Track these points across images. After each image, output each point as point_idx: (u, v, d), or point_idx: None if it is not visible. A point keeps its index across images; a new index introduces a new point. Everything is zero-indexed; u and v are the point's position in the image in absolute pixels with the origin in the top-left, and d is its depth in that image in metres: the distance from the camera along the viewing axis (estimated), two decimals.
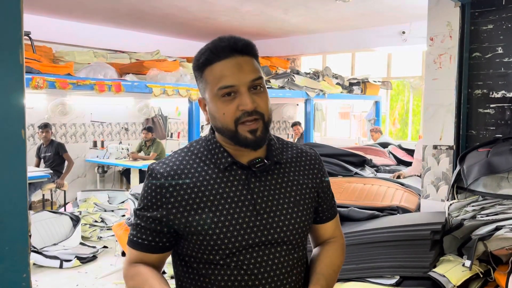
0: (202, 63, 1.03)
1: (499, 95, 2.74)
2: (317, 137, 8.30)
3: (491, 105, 2.77)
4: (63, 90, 3.70)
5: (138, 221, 1.06)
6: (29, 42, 4.63)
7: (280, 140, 1.18)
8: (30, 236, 0.87)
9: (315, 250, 1.23)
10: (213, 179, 1.04)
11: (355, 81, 7.74)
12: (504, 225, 2.12)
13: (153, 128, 7.40)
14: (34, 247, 4.19)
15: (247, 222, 1.03)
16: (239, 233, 1.02)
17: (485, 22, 2.78)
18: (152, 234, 1.05)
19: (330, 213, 1.21)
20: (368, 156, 4.21)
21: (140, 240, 1.06)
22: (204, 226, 1.01)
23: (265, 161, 1.07)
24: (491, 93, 2.77)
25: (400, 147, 5.31)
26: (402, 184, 3.32)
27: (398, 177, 3.83)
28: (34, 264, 4.05)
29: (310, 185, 1.14)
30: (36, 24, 6.15)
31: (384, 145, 5.39)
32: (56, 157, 6.00)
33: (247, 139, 1.01)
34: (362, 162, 3.92)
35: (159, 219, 1.03)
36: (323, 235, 1.22)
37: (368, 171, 3.86)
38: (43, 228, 4.48)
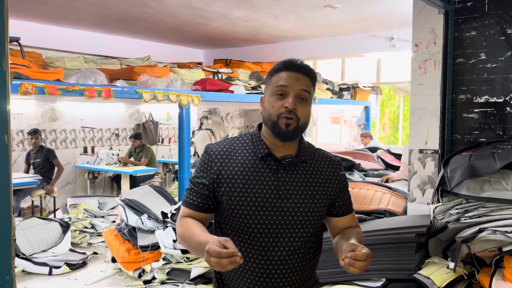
0: (274, 70, 1.37)
1: (482, 100, 2.80)
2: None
3: (475, 110, 2.82)
4: (52, 96, 3.70)
5: (192, 186, 1.37)
6: (18, 48, 4.61)
7: (311, 146, 1.44)
8: (14, 240, 0.89)
9: (335, 238, 1.41)
10: (251, 164, 1.33)
11: (345, 86, 7.80)
12: (487, 227, 2.16)
13: (143, 134, 7.39)
14: (23, 254, 4.16)
15: (269, 202, 1.29)
16: (262, 208, 1.28)
17: (468, 28, 2.84)
18: (201, 197, 1.34)
19: (346, 209, 1.44)
20: (357, 161, 4.26)
21: (191, 201, 1.36)
22: (237, 198, 1.29)
23: (294, 158, 1.35)
24: (474, 98, 2.83)
25: (389, 151, 5.37)
26: (390, 188, 3.36)
27: (387, 181, 3.87)
28: (23, 271, 4.02)
29: (328, 184, 1.38)
30: (26, 30, 6.14)
31: (373, 149, 5.45)
32: (45, 163, 5.97)
33: (281, 130, 1.30)
34: (350, 167, 3.96)
35: (207, 185, 1.33)
36: (341, 226, 1.43)
37: (356, 175, 3.90)
38: (32, 234, 4.45)
